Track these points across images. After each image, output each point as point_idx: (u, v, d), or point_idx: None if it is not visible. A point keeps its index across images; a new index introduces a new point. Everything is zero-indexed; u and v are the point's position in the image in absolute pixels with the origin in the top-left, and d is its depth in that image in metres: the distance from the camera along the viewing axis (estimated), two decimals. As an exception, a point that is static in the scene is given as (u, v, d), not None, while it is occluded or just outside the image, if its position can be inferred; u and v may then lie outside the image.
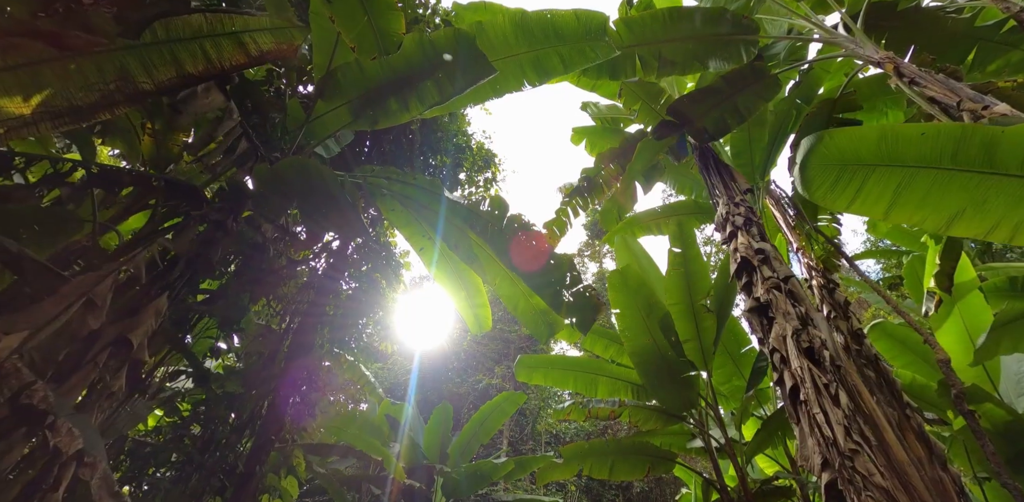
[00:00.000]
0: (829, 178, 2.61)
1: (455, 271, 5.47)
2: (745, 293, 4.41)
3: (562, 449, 5.93)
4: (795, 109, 7.47)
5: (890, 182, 2.38)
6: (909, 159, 2.23)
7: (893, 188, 2.38)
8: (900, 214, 2.44)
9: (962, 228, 2.27)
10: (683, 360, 6.23)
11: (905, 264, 9.45)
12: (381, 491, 10.01)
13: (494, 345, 15.47)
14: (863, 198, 2.51)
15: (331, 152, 4.78)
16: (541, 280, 3.74)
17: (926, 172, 2.23)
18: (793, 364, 3.57)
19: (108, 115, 2.33)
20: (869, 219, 8.92)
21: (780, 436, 6.23)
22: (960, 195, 2.20)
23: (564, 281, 3.64)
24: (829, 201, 2.64)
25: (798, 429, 3.42)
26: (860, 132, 2.47)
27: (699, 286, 6.16)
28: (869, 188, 2.47)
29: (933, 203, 2.28)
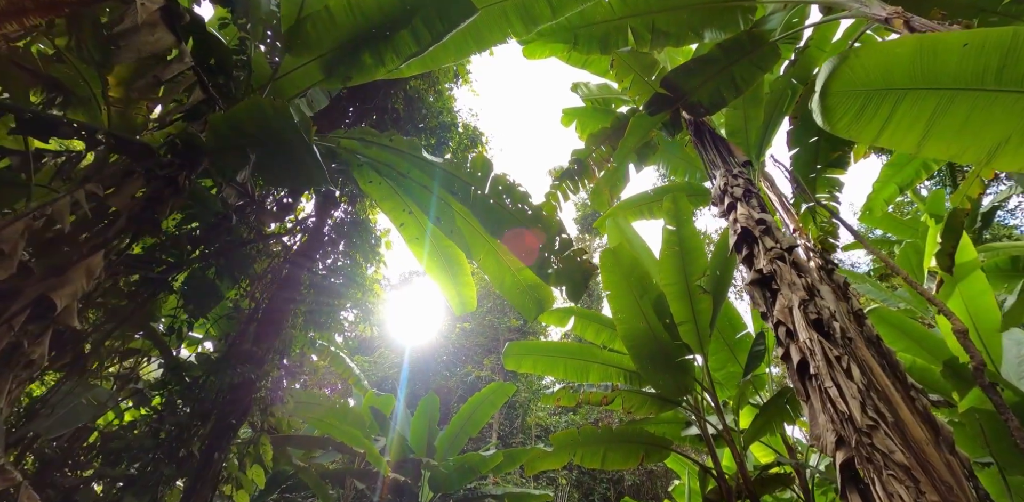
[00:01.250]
0: (854, 106, 2.32)
1: (438, 249, 5.15)
2: (746, 265, 4.14)
3: (552, 437, 5.64)
4: (790, 89, 7.22)
5: (924, 107, 2.09)
6: (947, 79, 1.95)
7: (928, 114, 2.10)
8: (935, 145, 2.16)
9: (1007, 160, 1.99)
10: (678, 344, 5.96)
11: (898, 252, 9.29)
12: (366, 485, 9.67)
13: (483, 337, 15.16)
14: (893, 127, 2.22)
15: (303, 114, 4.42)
16: (528, 245, 3.44)
17: (966, 95, 1.95)
18: (801, 336, 3.30)
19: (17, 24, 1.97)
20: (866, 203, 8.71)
21: (779, 422, 6.00)
22: (1005, 120, 1.92)
23: (552, 245, 3.34)
24: (855, 132, 2.35)
25: (807, 406, 3.16)
26: (892, 47, 2.16)
27: (695, 266, 5.89)
28: (900, 115, 2.18)
29: (973, 131, 2.00)
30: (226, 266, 4.37)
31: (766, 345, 6.32)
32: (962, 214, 6.60)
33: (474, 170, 3.51)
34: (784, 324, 3.47)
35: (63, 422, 4.14)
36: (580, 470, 15.27)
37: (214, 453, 3.30)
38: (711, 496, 5.28)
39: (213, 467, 3.26)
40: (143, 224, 2.80)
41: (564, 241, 3.36)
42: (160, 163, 2.95)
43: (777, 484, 5.60)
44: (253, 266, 4.53)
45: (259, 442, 3.72)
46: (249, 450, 3.63)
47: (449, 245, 5.10)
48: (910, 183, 8.50)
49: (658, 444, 5.72)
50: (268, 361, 3.97)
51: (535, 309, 4.35)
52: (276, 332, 4.31)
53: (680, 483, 9.95)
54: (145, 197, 2.86)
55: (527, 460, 5.73)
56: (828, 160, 6.23)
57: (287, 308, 4.45)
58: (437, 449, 10.24)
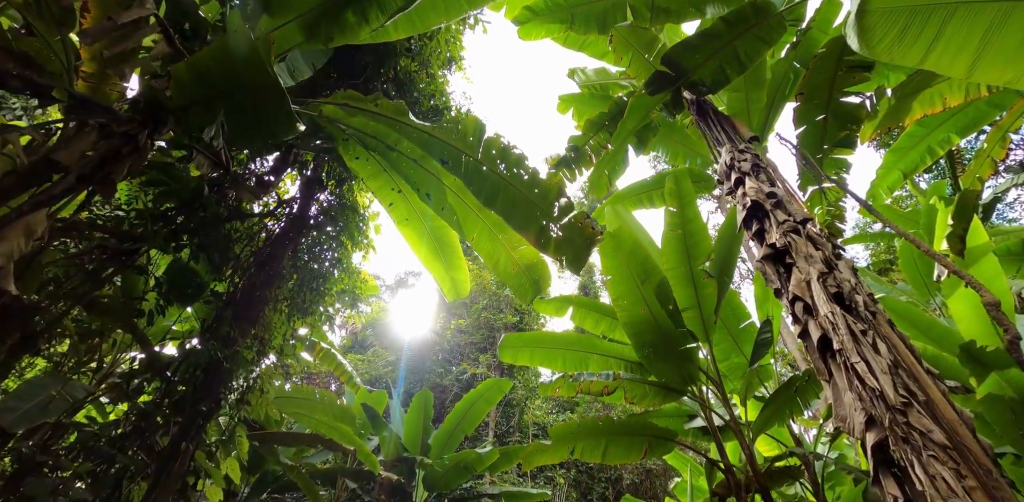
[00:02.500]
0: (896, 24, 2.06)
1: (429, 230, 4.87)
2: (757, 241, 3.89)
3: (551, 430, 5.36)
4: (792, 73, 7.01)
5: (978, 24, 1.84)
6: (1009, -12, 1.71)
7: (981, 32, 1.84)
8: (989, 69, 1.90)
9: (1076, 85, 1.75)
10: (682, 331, 5.70)
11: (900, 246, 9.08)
12: (358, 485, 9.34)
13: (478, 334, 14.86)
14: (942, 48, 1.96)
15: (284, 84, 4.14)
16: (524, 213, 3.16)
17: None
18: (821, 310, 3.04)
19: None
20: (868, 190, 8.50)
21: (787, 413, 5.75)
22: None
23: (551, 212, 3.07)
24: (897, 54, 2.09)
25: (829, 387, 2.90)
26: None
27: (698, 249, 5.63)
28: (950, 34, 1.92)
29: (1038, 51, 1.76)
30: (202, 246, 4.08)
31: (772, 333, 6.07)
32: (973, 195, 6.37)
33: (464, 134, 3.24)
34: (801, 299, 3.22)
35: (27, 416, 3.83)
36: (578, 469, 14.97)
37: (181, 443, 3.00)
38: (719, 490, 5.01)
39: (180, 458, 2.97)
40: (98, 184, 2.50)
41: (564, 206, 3.10)
42: (118, 118, 2.66)
43: (786, 477, 5.34)
44: (232, 247, 4.24)
45: (233, 432, 3.43)
46: (222, 440, 3.33)
47: (440, 226, 4.82)
48: (914, 169, 8.28)
49: (662, 436, 5.45)
50: (245, 345, 3.67)
51: (532, 290, 4.07)
52: (255, 317, 4.01)
53: (682, 480, 9.68)
54: (99, 155, 2.57)
55: (524, 455, 5.45)
56: (835, 140, 6.00)
57: (267, 292, 4.15)
58: (432, 447, 9.93)
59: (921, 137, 7.56)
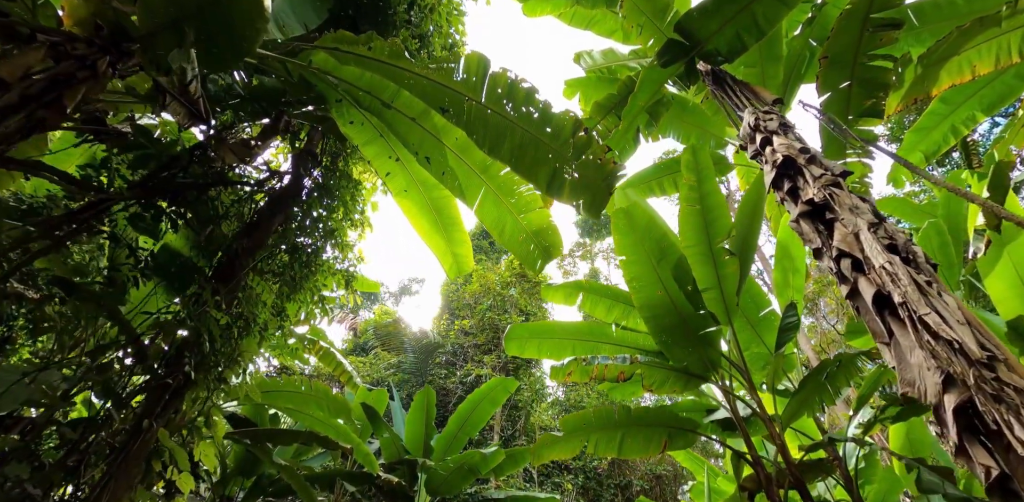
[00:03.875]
0: None
1: (428, 201, 4.52)
2: (790, 199, 3.52)
3: (562, 420, 4.94)
4: (808, 50, 6.70)
5: None
6: None
7: None
8: None
9: None
10: (701, 313, 5.31)
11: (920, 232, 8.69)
12: (357, 488, 8.88)
13: (483, 335, 14.41)
14: None
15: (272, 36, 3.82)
16: (534, 157, 2.81)
17: None
18: (876, 262, 2.66)
19: None
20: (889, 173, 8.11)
21: (817, 401, 5.32)
22: None
23: (565, 152, 2.72)
24: None
25: (891, 348, 2.51)
26: None
27: (718, 225, 5.26)
28: None
29: None
30: (181, 214, 3.73)
31: (798, 316, 5.67)
32: (1008, 166, 5.99)
33: (468, 75, 2.90)
34: (849, 254, 2.84)
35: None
36: (586, 475, 14.43)
37: (142, 421, 2.62)
38: (747, 484, 4.58)
39: (142, 436, 2.58)
40: (44, 106, 2.16)
41: (580, 142, 2.73)
42: (72, 37, 2.33)
43: (818, 472, 4.90)
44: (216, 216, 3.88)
45: (209, 414, 3.05)
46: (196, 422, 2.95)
47: (441, 196, 4.47)
48: (937, 150, 7.91)
49: (683, 427, 5.03)
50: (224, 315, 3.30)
51: (542, 257, 3.71)
52: (236, 290, 3.64)
53: (698, 482, 9.18)
54: (50, 76, 2.23)
55: (534, 448, 5.03)
56: (860, 109, 5.65)
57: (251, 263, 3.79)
58: (435, 450, 9.47)
59: (944, 115, 7.19)
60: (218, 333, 2.88)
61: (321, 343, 9.44)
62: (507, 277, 15.20)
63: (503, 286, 14.93)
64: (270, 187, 4.59)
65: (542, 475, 13.61)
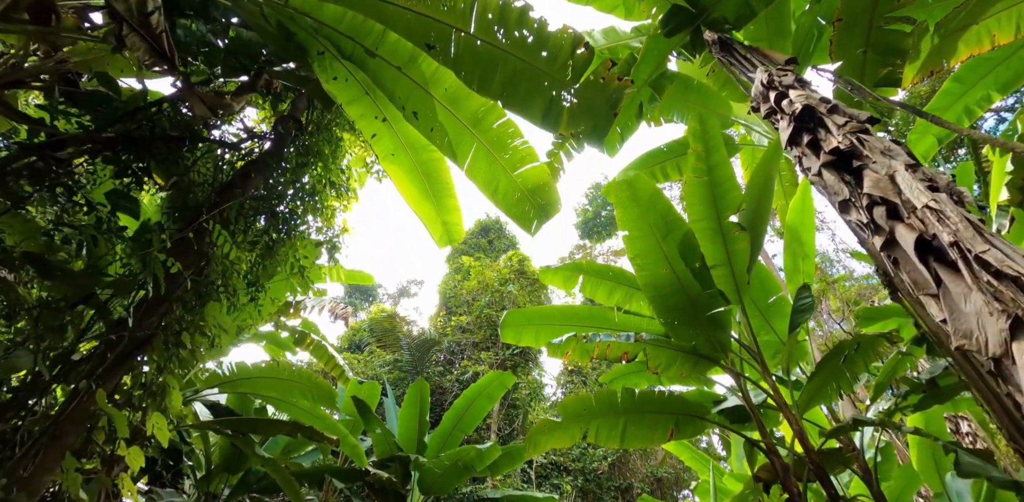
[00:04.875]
0: None
1: (416, 165, 4.20)
2: (810, 152, 3.20)
3: (561, 405, 4.59)
4: (816, 29, 6.41)
5: None
6: None
7: None
8: None
9: None
10: (710, 292, 4.98)
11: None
12: (346, 485, 8.49)
13: (480, 333, 14.04)
14: None
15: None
16: (528, 87, 2.50)
17: None
18: (917, 203, 2.33)
19: None
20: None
21: (835, 387, 4.97)
22: None
23: (563, 76, 2.41)
24: None
25: (939, 299, 2.18)
26: None
27: (727, 199, 4.94)
28: None
29: None
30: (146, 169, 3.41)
31: (812, 298, 5.33)
32: (1035, 140, 5.69)
33: (455, 1, 2.59)
34: (883, 200, 2.51)
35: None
36: (585, 477, 14.00)
37: (78, 385, 2.27)
38: (762, 474, 4.23)
39: (77, 400, 2.24)
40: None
41: (580, 60, 2.42)
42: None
43: (837, 462, 4.54)
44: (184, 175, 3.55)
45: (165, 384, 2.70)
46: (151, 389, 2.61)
47: (430, 159, 4.15)
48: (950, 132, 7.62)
49: (691, 413, 4.67)
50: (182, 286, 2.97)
51: (538, 217, 3.39)
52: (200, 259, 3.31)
53: (703, 481, 8.79)
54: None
55: (530, 435, 4.67)
56: (876, 78, 5.35)
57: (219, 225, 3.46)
58: (429, 446, 9.08)
59: (958, 95, 6.88)
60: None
61: (312, 336, 9.10)
62: (506, 274, 14.87)
63: (501, 283, 14.59)
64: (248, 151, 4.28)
65: (540, 477, 13.19)
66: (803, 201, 7.07)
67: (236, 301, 3.29)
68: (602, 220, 28.15)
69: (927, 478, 6.52)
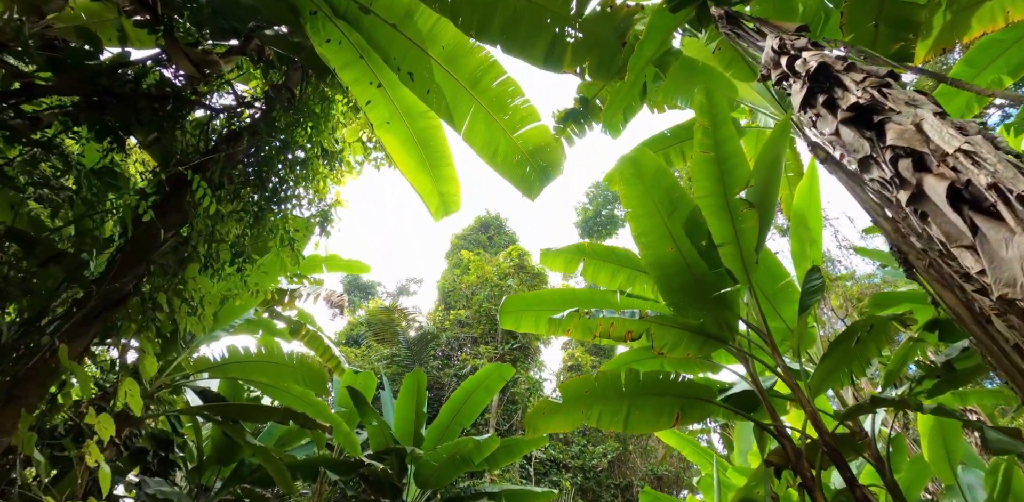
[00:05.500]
0: None
1: (413, 134, 4.03)
2: (827, 111, 3.03)
3: (562, 386, 4.41)
4: (824, 11, 6.25)
5: None
6: None
7: None
8: None
9: None
10: (717, 272, 4.80)
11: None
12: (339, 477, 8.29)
13: (479, 327, 13.85)
14: None
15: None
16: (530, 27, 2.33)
17: None
18: (948, 148, 2.16)
19: None
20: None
21: (847, 372, 4.79)
22: None
23: (566, 10, 2.25)
24: None
25: (976, 249, 2.01)
26: None
27: (735, 175, 4.76)
28: None
29: None
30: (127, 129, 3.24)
31: (823, 279, 5.16)
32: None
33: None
34: (910, 151, 2.34)
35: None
36: (585, 474, 13.80)
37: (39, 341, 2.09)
38: (774, 459, 4.05)
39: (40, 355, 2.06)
40: None
41: None
42: None
43: (850, 447, 4.36)
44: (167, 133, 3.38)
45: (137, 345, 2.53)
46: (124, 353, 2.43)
47: (427, 127, 3.98)
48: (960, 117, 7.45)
49: (698, 397, 4.49)
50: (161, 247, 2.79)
51: (539, 179, 3.22)
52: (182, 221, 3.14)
53: (706, 475, 8.60)
54: None
55: (529, 417, 4.49)
56: (887, 54, 5.18)
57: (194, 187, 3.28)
58: (426, 439, 8.89)
59: (969, 79, 6.72)
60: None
61: (308, 327, 8.92)
62: (505, 268, 14.69)
63: (501, 277, 14.41)
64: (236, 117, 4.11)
65: (539, 473, 12.99)
66: (810, 185, 6.90)
67: (220, 269, 3.12)
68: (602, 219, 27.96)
69: (938, 470, 6.33)
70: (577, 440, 14.40)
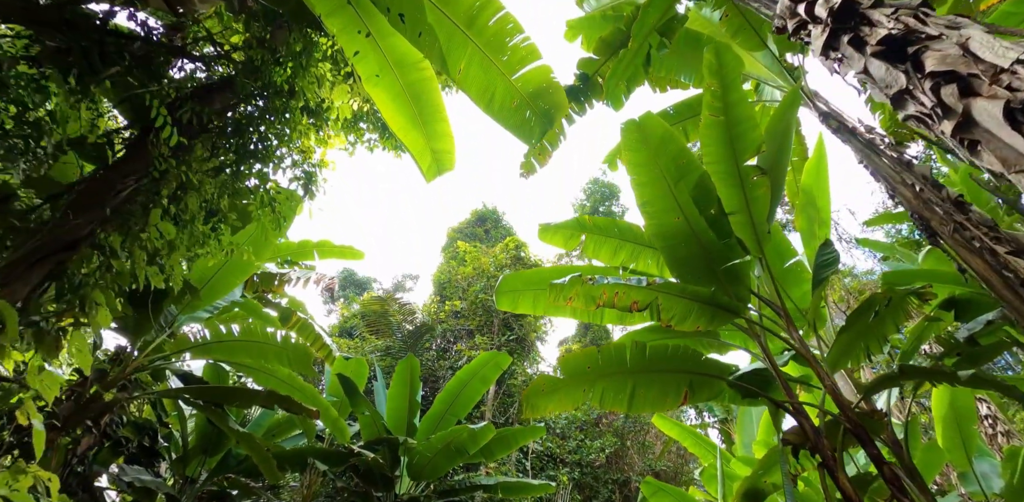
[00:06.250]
0: None
1: (404, 88, 3.75)
2: (854, 49, 2.77)
3: (562, 360, 4.14)
4: None
5: None
6: None
7: None
8: None
9: None
10: (726, 242, 4.54)
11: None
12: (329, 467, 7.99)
13: (476, 319, 13.56)
14: None
15: None
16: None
17: None
18: (1003, 61, 1.91)
19: None
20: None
21: (863, 348, 4.54)
22: None
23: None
24: None
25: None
26: None
27: (746, 140, 4.51)
28: None
29: None
30: (94, 68, 2.96)
31: (836, 251, 4.92)
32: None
33: None
34: (955, 76, 2.09)
35: None
36: (582, 469, 13.52)
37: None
38: (791, 437, 3.78)
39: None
40: None
41: None
42: None
43: (872, 424, 4.10)
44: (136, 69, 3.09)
45: (88, 297, 2.23)
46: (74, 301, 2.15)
47: (419, 79, 3.71)
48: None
49: (708, 373, 4.22)
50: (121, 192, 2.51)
51: (541, 124, 2.96)
52: (147, 167, 2.85)
53: (709, 465, 8.35)
54: None
55: (527, 394, 4.21)
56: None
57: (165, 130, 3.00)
58: (419, 429, 8.60)
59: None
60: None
61: (299, 314, 8.63)
62: (502, 259, 14.42)
63: (498, 268, 14.14)
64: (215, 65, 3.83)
65: (536, 468, 12.71)
66: (818, 164, 6.67)
67: (190, 222, 2.84)
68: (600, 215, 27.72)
69: (952, 457, 6.10)
70: (574, 435, 14.12)
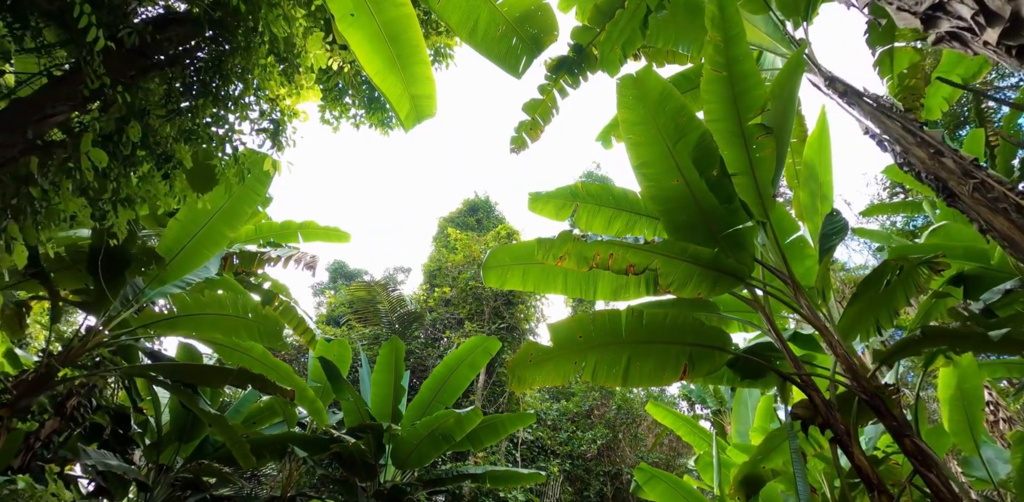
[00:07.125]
0: None
1: (381, 28, 3.40)
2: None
3: (552, 327, 3.83)
4: None
5: None
6: None
7: None
8: None
9: None
10: (729, 206, 4.25)
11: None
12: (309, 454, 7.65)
13: (465, 307, 13.22)
14: None
15: None
16: None
17: None
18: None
19: None
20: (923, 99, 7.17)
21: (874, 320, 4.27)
22: None
23: None
24: None
25: None
26: None
27: (749, 98, 4.21)
28: None
29: None
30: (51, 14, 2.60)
31: (844, 219, 4.65)
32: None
33: None
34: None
35: None
36: (573, 461, 13.26)
37: None
38: (800, 411, 3.50)
39: None
40: None
41: None
42: None
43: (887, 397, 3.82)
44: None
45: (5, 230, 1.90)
46: None
47: (398, 17, 3.36)
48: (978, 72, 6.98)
49: (710, 344, 3.93)
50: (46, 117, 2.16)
51: (529, 50, 2.65)
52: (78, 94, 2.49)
53: (704, 453, 8.10)
54: None
55: (512, 366, 3.90)
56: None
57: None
58: (405, 416, 8.27)
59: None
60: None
61: (281, 296, 8.26)
62: (494, 247, 14.11)
63: (489, 256, 13.82)
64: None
65: (526, 459, 12.43)
66: (820, 138, 6.41)
67: (131, 155, 2.49)
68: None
69: (959, 440, 5.88)
70: (566, 426, 13.86)
